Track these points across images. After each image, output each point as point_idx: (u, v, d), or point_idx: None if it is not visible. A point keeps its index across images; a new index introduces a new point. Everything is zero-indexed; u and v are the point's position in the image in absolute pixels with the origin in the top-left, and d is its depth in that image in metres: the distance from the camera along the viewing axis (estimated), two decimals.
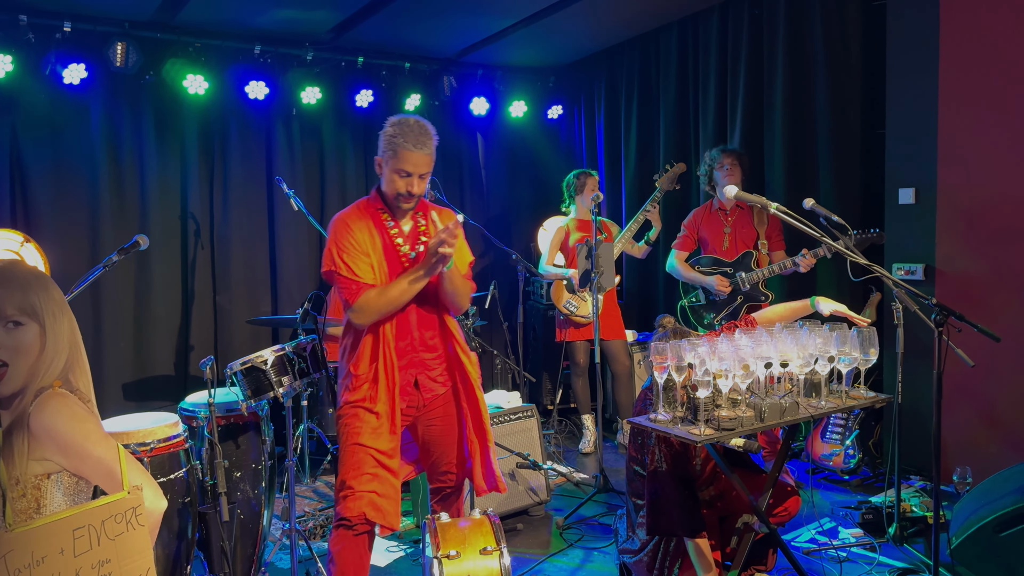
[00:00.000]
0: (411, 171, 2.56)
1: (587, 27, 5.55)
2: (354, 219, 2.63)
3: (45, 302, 1.59)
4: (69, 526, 1.28)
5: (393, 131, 2.58)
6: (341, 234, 2.60)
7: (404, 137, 2.55)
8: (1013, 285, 3.79)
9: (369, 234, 2.62)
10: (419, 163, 2.57)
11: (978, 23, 3.87)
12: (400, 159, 2.55)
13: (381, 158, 2.63)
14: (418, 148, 2.56)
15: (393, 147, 2.56)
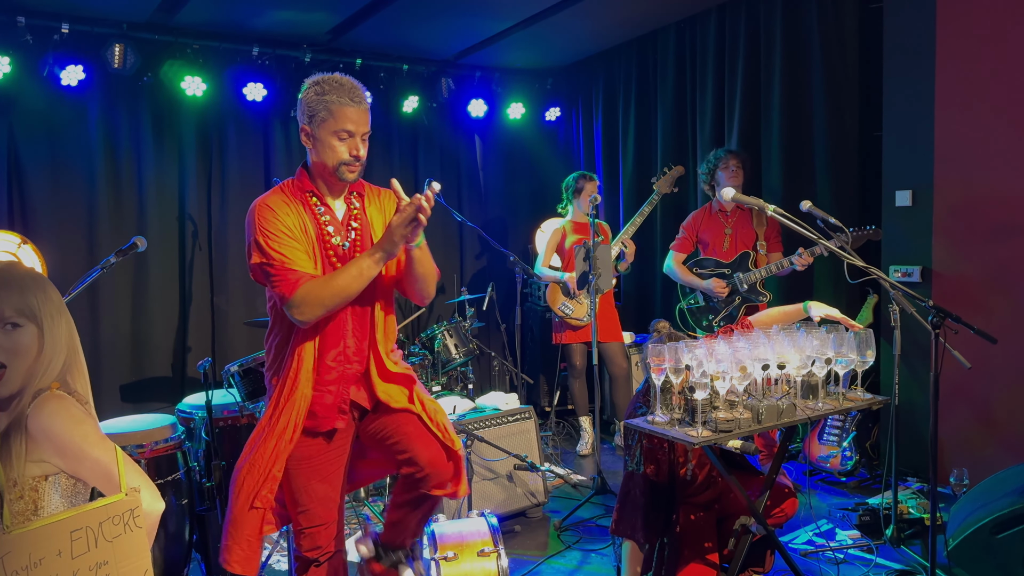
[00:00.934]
0: (354, 131, 2.22)
1: (585, 29, 5.56)
2: (278, 203, 2.23)
3: (43, 304, 1.59)
4: (67, 528, 1.28)
5: (320, 89, 2.23)
6: (266, 220, 2.19)
7: (338, 93, 2.21)
8: (1009, 287, 3.80)
9: (299, 219, 2.24)
10: (360, 120, 2.24)
11: (974, 25, 3.88)
12: (339, 118, 2.20)
13: (309, 125, 2.24)
14: (357, 103, 2.23)
15: (327, 106, 2.20)
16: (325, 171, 2.26)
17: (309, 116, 2.23)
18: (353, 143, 2.24)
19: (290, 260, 2.17)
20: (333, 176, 2.26)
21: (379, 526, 2.56)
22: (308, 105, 2.24)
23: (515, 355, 5.32)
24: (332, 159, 2.23)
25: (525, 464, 3.71)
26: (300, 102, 2.25)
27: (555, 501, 4.19)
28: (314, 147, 2.25)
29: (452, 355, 4.80)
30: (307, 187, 2.29)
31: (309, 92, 2.24)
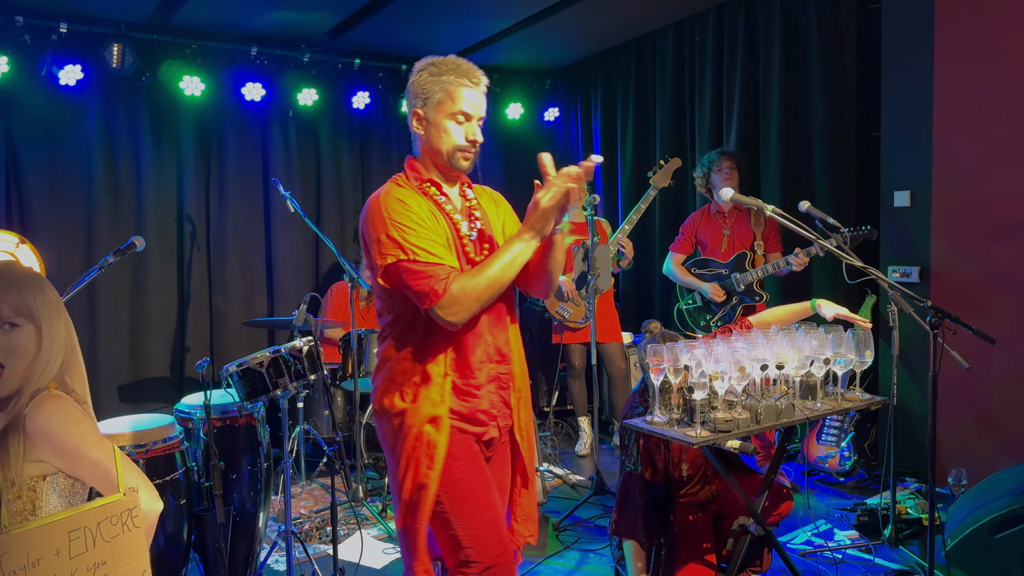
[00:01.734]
0: (471, 113, 2.01)
1: (583, 30, 5.56)
2: (405, 194, 2.00)
3: (41, 303, 1.59)
4: (65, 528, 1.27)
5: (436, 70, 2.02)
6: (398, 213, 1.94)
7: (456, 74, 2.00)
8: (1008, 288, 3.81)
9: (429, 211, 2.01)
10: (478, 104, 2.03)
11: (973, 26, 3.88)
12: (456, 99, 1.99)
13: (422, 109, 2.02)
14: (475, 84, 2.02)
15: (443, 87, 1.99)
16: (438, 159, 2.05)
17: (423, 99, 2.02)
18: (470, 127, 2.03)
19: (434, 254, 1.91)
20: (447, 164, 2.04)
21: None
22: (421, 87, 2.02)
23: None
24: (447, 144, 2.02)
25: None
26: (411, 86, 2.05)
27: (553, 501, 4.18)
28: (426, 132, 2.04)
29: None
30: (422, 178, 2.07)
31: (422, 74, 2.04)
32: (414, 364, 2.01)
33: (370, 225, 1.98)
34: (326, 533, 3.77)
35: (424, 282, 1.87)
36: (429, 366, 2.00)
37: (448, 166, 2.04)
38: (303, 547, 3.31)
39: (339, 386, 4.61)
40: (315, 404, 4.67)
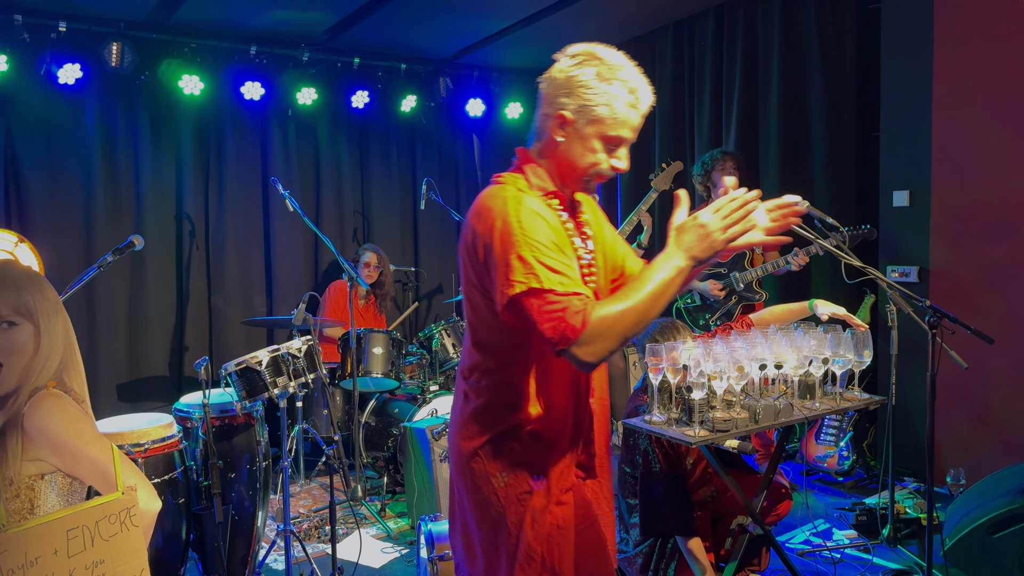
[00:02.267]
0: (629, 140, 1.68)
1: (583, 30, 5.56)
2: (539, 206, 1.65)
3: (40, 302, 1.59)
4: (63, 527, 1.27)
5: (608, 72, 1.62)
6: (534, 229, 1.57)
7: (629, 90, 1.63)
8: (1006, 288, 3.81)
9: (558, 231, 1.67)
10: (638, 129, 1.69)
11: (972, 26, 3.89)
12: (621, 125, 1.64)
13: (573, 114, 1.65)
14: (643, 108, 1.67)
15: (611, 103, 1.62)
16: (568, 173, 1.72)
17: (579, 103, 1.64)
18: (621, 154, 1.70)
19: (572, 279, 1.57)
20: (576, 182, 1.73)
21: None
22: (583, 88, 1.63)
23: None
24: (587, 164, 1.68)
25: None
26: (564, 78, 1.65)
27: None
28: (568, 142, 1.68)
29: (450, 354, 4.79)
30: (549, 186, 1.74)
31: (586, 71, 1.63)
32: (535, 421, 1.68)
33: (499, 241, 1.57)
34: (325, 532, 3.77)
35: (559, 317, 1.50)
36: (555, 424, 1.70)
37: (575, 184, 1.74)
38: (302, 546, 3.31)
39: (338, 385, 4.61)
40: (314, 403, 4.67)
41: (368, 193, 6.13)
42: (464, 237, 1.70)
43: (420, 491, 3.80)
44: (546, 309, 1.52)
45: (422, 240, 6.38)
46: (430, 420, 3.93)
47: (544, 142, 1.74)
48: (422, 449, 3.73)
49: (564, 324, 1.50)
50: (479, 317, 1.71)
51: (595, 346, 1.51)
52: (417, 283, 6.31)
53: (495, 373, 1.71)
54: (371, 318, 5.34)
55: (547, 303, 1.52)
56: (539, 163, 1.75)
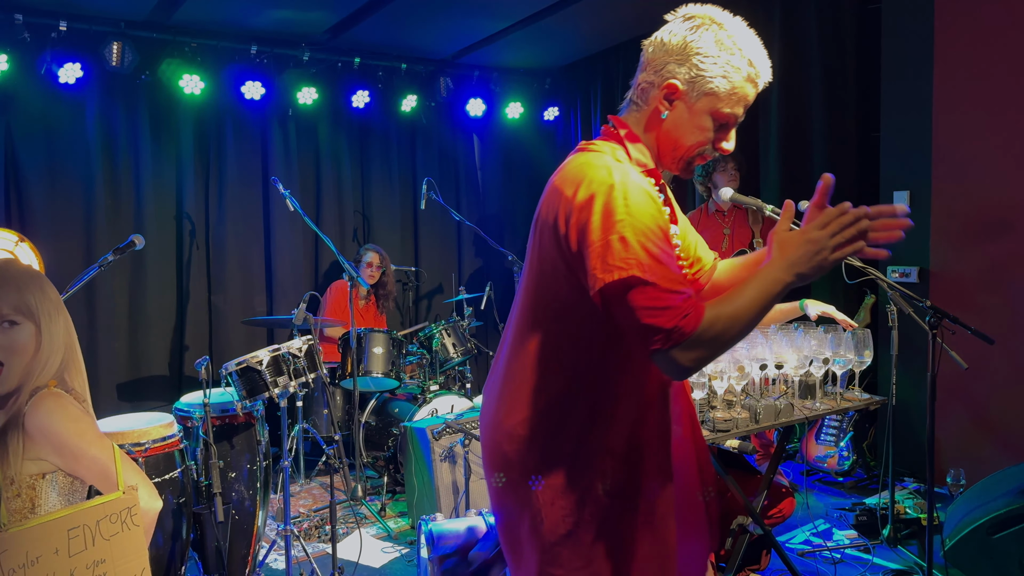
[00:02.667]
0: (741, 118, 1.53)
1: (583, 30, 5.56)
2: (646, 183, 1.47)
3: (41, 302, 1.59)
4: (64, 526, 1.27)
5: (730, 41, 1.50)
6: (642, 210, 1.38)
7: (752, 64, 1.50)
8: (1007, 288, 3.81)
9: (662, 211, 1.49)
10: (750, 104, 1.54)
11: (972, 27, 3.88)
12: (738, 100, 1.49)
13: (686, 85, 1.48)
14: (762, 83, 1.54)
15: (730, 75, 1.47)
16: (668, 151, 1.54)
17: (695, 74, 1.47)
18: (729, 136, 1.54)
19: (678, 276, 1.38)
20: (675, 162, 1.55)
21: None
22: (698, 58, 1.48)
23: None
24: (693, 143, 1.51)
25: None
26: (682, 46, 1.50)
27: None
28: (675, 115, 1.51)
29: (450, 354, 4.80)
30: (648, 162, 1.54)
31: (704, 36, 1.49)
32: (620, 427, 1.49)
33: (599, 216, 1.36)
34: (325, 532, 3.78)
35: (666, 313, 1.32)
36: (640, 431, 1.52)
37: (674, 163, 1.56)
38: (302, 546, 3.31)
39: (338, 385, 4.61)
40: (314, 403, 4.67)
41: (368, 193, 6.13)
42: (547, 208, 1.47)
43: (420, 491, 3.80)
44: (650, 302, 1.33)
45: (422, 240, 6.38)
46: (430, 420, 3.93)
47: (645, 113, 1.54)
48: (422, 449, 3.73)
49: (673, 322, 1.32)
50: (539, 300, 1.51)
51: (700, 351, 1.35)
52: (417, 283, 6.31)
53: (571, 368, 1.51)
54: (371, 318, 5.34)
55: (652, 295, 1.33)
56: (639, 137, 1.55)
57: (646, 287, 1.33)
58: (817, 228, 1.39)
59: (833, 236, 1.37)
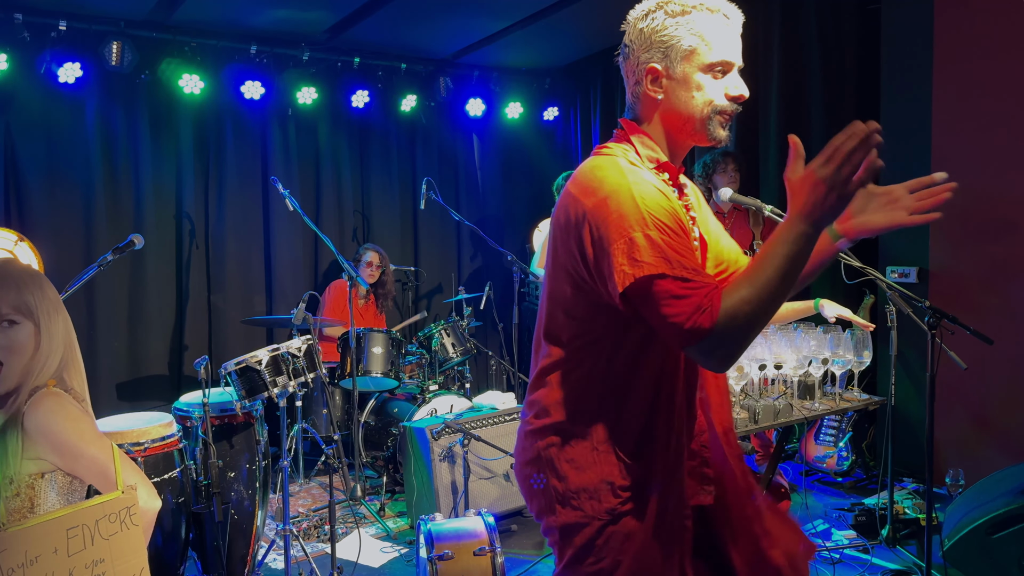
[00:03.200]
0: (733, 62, 1.50)
1: (583, 29, 5.56)
2: (657, 180, 1.47)
3: (40, 301, 1.59)
4: (63, 525, 1.27)
5: (678, 7, 1.47)
6: (654, 207, 1.38)
7: (708, 10, 1.48)
8: (1006, 288, 3.81)
9: (678, 206, 1.48)
10: (738, 49, 1.52)
11: (972, 27, 3.89)
12: (715, 45, 1.47)
13: (662, 63, 1.49)
14: (733, 22, 1.51)
15: (693, 30, 1.46)
16: (680, 128, 1.52)
17: (662, 51, 1.48)
18: (733, 80, 1.50)
19: (696, 266, 1.36)
20: (695, 135, 1.52)
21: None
22: (658, 35, 1.48)
23: (512, 354, 5.32)
24: (701, 105, 1.48)
25: None
26: (640, 36, 1.51)
27: None
28: (669, 94, 1.50)
29: (449, 354, 4.80)
30: (654, 159, 1.53)
31: (656, 18, 1.48)
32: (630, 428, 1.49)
33: (615, 217, 1.37)
34: (324, 532, 3.78)
35: (686, 306, 1.30)
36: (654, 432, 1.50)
37: (698, 135, 1.52)
38: (301, 546, 3.31)
39: (338, 384, 4.61)
40: (313, 403, 4.67)
41: (368, 192, 6.13)
42: (562, 214, 1.48)
43: (419, 491, 3.80)
44: (669, 298, 1.32)
45: (422, 240, 6.38)
46: (429, 420, 3.93)
47: (643, 108, 1.55)
48: (421, 449, 3.73)
49: (692, 315, 1.30)
50: (562, 304, 1.52)
51: (728, 339, 1.31)
52: (417, 283, 6.31)
53: (591, 365, 1.51)
54: (371, 317, 5.34)
55: (670, 290, 1.32)
56: (646, 133, 1.54)
57: (664, 282, 1.32)
58: (822, 164, 1.31)
59: (841, 167, 1.30)
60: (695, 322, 1.29)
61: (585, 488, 1.48)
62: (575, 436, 1.51)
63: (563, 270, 1.48)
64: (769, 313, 1.33)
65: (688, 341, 1.31)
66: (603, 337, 1.48)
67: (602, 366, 1.49)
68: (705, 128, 1.50)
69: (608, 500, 1.47)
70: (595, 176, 1.44)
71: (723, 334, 1.30)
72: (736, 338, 1.31)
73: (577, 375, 1.51)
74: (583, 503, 1.49)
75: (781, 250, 1.32)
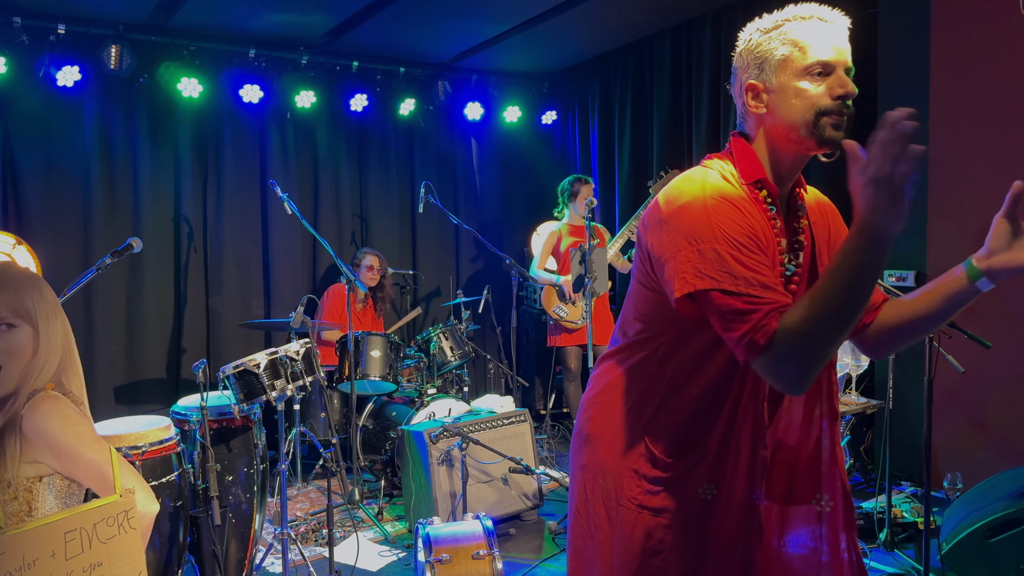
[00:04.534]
0: (833, 62, 1.47)
1: (581, 33, 5.57)
2: (738, 198, 1.45)
3: (39, 304, 1.59)
4: (61, 529, 1.27)
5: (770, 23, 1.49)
6: (729, 222, 1.39)
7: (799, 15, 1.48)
8: (1003, 292, 3.80)
9: (762, 227, 1.45)
10: (842, 48, 1.50)
11: (968, 34, 3.90)
12: (809, 47, 1.46)
13: (758, 79, 1.49)
14: (829, 23, 1.51)
15: (785, 38, 1.46)
16: (791, 135, 1.48)
17: (757, 66, 1.49)
18: (837, 79, 1.47)
19: (765, 282, 1.34)
20: (804, 142, 1.48)
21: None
22: (753, 53, 1.50)
23: (511, 358, 5.32)
24: (803, 109, 1.45)
25: (520, 467, 3.71)
26: (740, 59, 1.53)
27: (550, 504, 4.19)
28: (771, 106, 1.49)
29: (448, 358, 4.80)
30: (757, 172, 1.50)
31: (752, 38, 1.51)
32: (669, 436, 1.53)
33: (686, 227, 1.39)
34: (322, 536, 3.77)
35: (748, 321, 1.30)
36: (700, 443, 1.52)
37: (806, 142, 1.47)
38: (299, 550, 3.31)
39: (336, 388, 4.61)
40: (312, 406, 4.67)
41: (366, 196, 6.14)
42: (647, 216, 1.51)
43: (417, 494, 3.80)
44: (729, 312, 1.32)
45: (420, 243, 6.38)
46: (428, 423, 3.93)
47: (749, 125, 1.55)
48: (420, 452, 3.73)
49: (748, 332, 1.30)
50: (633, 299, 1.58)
51: (790, 358, 1.28)
52: (415, 286, 6.31)
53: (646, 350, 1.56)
54: (369, 321, 5.34)
55: (731, 306, 1.32)
56: (751, 145, 1.54)
57: (725, 296, 1.33)
58: (871, 161, 1.28)
59: (882, 164, 1.25)
60: (751, 339, 1.30)
61: (608, 468, 1.58)
62: (611, 420, 1.59)
63: (640, 269, 1.54)
64: (834, 331, 1.28)
65: (749, 355, 1.32)
66: (659, 337, 1.54)
67: (652, 365, 1.55)
68: (812, 133, 1.46)
69: (631, 488, 1.54)
70: (678, 187, 1.47)
71: (780, 353, 1.28)
72: (795, 358, 1.28)
73: (628, 365, 1.59)
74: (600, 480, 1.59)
75: (843, 263, 1.29)
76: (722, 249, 1.35)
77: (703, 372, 1.50)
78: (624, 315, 1.63)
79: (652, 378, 1.54)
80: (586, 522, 1.61)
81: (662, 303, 1.47)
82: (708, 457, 1.50)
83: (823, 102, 1.44)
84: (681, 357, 1.51)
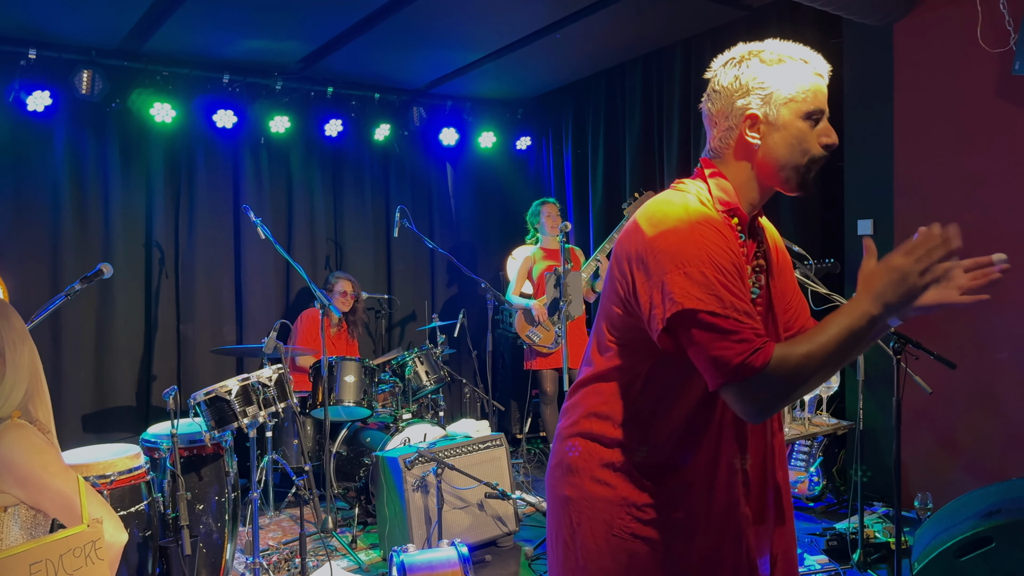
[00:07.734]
0: (825, 110, 1.52)
1: (554, 61, 5.65)
2: (721, 224, 1.47)
3: (5, 331, 1.57)
4: (26, 560, 1.25)
5: (774, 56, 1.50)
6: (716, 248, 1.41)
7: (804, 60, 1.50)
8: (967, 314, 3.90)
9: (736, 253, 1.47)
10: (826, 96, 1.54)
11: (931, 60, 4.02)
12: (812, 94, 1.49)
13: (762, 110, 1.50)
14: (825, 75, 1.54)
15: (791, 78, 1.48)
16: (775, 176, 1.54)
17: (761, 95, 1.49)
18: (826, 129, 1.51)
19: (748, 310, 1.38)
20: (785, 182, 1.55)
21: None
22: (756, 82, 1.49)
23: (486, 382, 5.31)
24: (799, 155, 1.50)
25: (496, 492, 3.70)
26: (735, 83, 1.51)
27: (526, 529, 4.17)
28: (768, 139, 1.51)
29: (423, 382, 4.78)
30: (732, 199, 1.55)
31: (751, 65, 1.51)
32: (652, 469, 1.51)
33: (673, 250, 1.40)
34: (295, 565, 3.71)
35: (733, 347, 1.34)
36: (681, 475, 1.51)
37: (788, 183, 1.54)
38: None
39: (309, 414, 4.57)
40: (284, 433, 4.62)
41: (341, 221, 6.13)
42: (626, 240, 1.51)
43: (392, 521, 3.76)
44: (718, 334, 1.35)
45: (395, 268, 6.38)
46: (403, 449, 3.90)
47: (732, 152, 1.55)
48: (394, 479, 3.70)
49: (741, 355, 1.33)
50: (608, 323, 1.56)
51: (771, 389, 1.34)
52: (391, 311, 6.29)
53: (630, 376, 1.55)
54: (343, 346, 5.31)
55: (720, 328, 1.35)
56: (726, 175, 1.56)
57: (715, 319, 1.35)
58: (901, 255, 1.37)
59: (919, 260, 1.35)
60: (745, 359, 1.33)
61: (596, 498, 1.53)
62: (595, 449, 1.55)
63: (616, 292, 1.52)
64: (818, 374, 1.35)
65: (733, 378, 1.34)
66: (640, 364, 1.52)
67: (635, 392, 1.53)
68: (798, 175, 1.52)
69: (622, 517, 1.51)
70: (661, 210, 1.48)
71: (771, 377, 1.33)
72: (782, 384, 1.34)
73: (608, 393, 1.55)
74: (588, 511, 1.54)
75: (844, 320, 1.36)
76: (709, 273, 1.37)
77: (688, 393, 1.49)
78: (597, 341, 1.60)
79: (636, 404, 1.53)
80: (574, 554, 1.56)
81: (639, 327, 1.47)
82: (698, 478, 1.50)
83: (816, 151, 1.50)
84: (664, 379, 1.51)
